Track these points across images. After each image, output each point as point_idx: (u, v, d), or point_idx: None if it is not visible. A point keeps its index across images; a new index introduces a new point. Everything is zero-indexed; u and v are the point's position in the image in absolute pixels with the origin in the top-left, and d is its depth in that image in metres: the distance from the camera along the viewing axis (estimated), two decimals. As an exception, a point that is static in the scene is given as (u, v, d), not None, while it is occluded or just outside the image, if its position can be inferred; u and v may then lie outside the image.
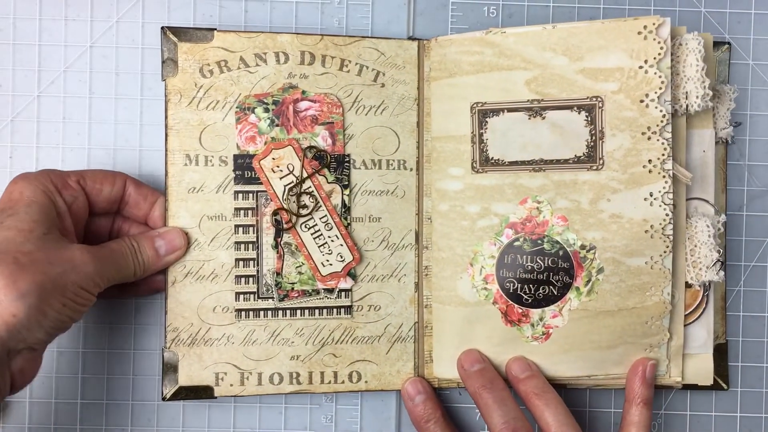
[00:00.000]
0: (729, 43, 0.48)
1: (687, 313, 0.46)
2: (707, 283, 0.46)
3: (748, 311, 0.49)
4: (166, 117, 0.45)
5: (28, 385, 0.40)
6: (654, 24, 0.42)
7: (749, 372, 0.49)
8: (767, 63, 0.49)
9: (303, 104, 0.46)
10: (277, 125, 0.46)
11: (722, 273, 0.45)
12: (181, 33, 0.45)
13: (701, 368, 0.47)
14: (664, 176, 0.43)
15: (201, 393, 0.45)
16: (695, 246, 0.45)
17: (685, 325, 0.46)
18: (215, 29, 0.45)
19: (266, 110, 0.46)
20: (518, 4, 0.48)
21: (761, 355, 0.49)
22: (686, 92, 0.44)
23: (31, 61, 0.47)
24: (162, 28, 0.45)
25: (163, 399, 0.45)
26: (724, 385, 0.48)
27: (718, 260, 0.45)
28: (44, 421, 0.47)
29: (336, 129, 0.46)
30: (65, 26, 0.47)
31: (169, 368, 0.45)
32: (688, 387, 0.47)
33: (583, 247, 0.44)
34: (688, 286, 0.46)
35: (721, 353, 0.48)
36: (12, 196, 0.40)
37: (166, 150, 0.45)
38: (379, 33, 0.48)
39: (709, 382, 0.47)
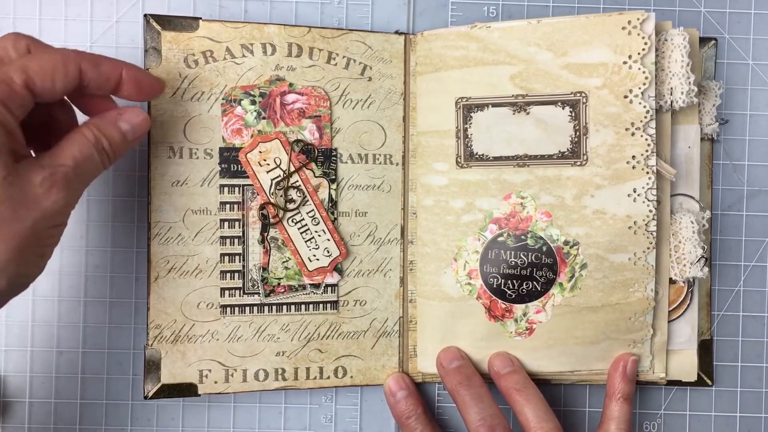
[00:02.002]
0: (716, 39, 0.48)
1: (671, 309, 0.46)
2: (691, 280, 0.46)
3: (748, 311, 0.49)
4: (149, 108, 0.44)
5: None
6: (638, 19, 0.43)
7: (749, 372, 0.49)
8: (767, 63, 0.49)
9: (290, 97, 0.46)
10: (264, 118, 0.45)
11: (706, 269, 0.45)
12: (165, 21, 0.44)
13: (685, 364, 0.47)
14: (647, 172, 0.43)
15: (185, 391, 0.45)
16: (679, 242, 0.45)
17: (669, 322, 0.46)
18: (200, 18, 0.45)
19: (253, 102, 0.45)
20: (518, 3, 0.48)
21: (761, 355, 0.49)
22: (671, 88, 0.44)
23: None
24: (145, 15, 0.44)
25: (145, 398, 0.45)
26: (708, 381, 0.48)
27: (703, 257, 0.45)
28: (44, 421, 0.47)
29: (323, 122, 0.46)
30: (65, 26, 0.47)
31: (152, 366, 0.45)
32: (672, 383, 0.47)
33: (566, 242, 0.44)
34: (672, 282, 0.46)
35: (705, 349, 0.48)
36: None
37: (149, 142, 0.45)
38: (383, 31, 0.48)
39: (693, 378, 0.47)
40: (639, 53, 0.43)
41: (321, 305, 0.46)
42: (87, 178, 0.37)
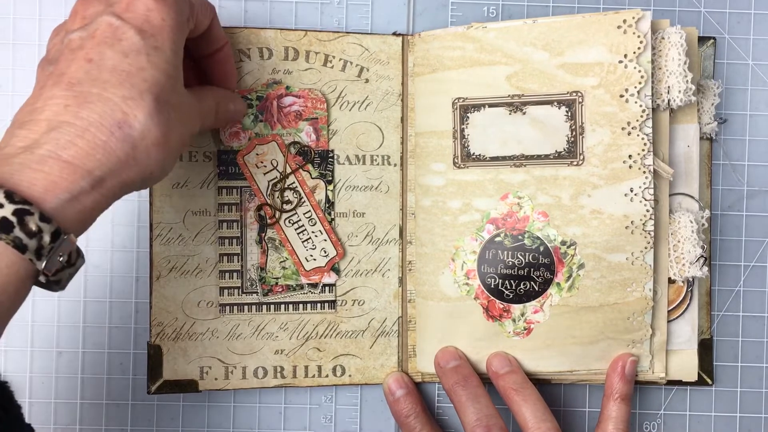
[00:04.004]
0: (714, 38, 0.47)
1: (670, 309, 0.46)
2: (691, 279, 0.46)
3: (748, 311, 0.49)
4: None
5: None
6: (633, 18, 0.42)
7: (749, 372, 0.49)
8: (767, 63, 0.48)
9: (287, 100, 0.46)
10: (261, 121, 0.46)
11: (706, 269, 0.45)
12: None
13: (685, 364, 0.47)
14: (644, 172, 0.43)
15: (186, 387, 0.46)
16: (678, 241, 0.45)
17: (668, 321, 0.46)
18: (198, 25, 0.45)
19: (250, 106, 0.46)
20: (518, 3, 0.48)
21: (761, 355, 0.49)
22: (668, 86, 0.43)
23: (31, 61, 0.47)
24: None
25: (149, 393, 0.46)
26: (708, 380, 0.48)
27: (702, 256, 0.45)
28: (44, 421, 0.47)
29: (320, 124, 0.47)
30: (65, 26, 0.48)
31: (154, 362, 0.46)
32: (672, 383, 0.47)
33: (563, 242, 0.44)
34: (671, 281, 0.46)
35: (705, 349, 0.48)
36: (152, 19, 0.34)
37: (150, 146, 0.45)
38: (379, 33, 0.48)
39: (694, 378, 0.47)
40: (635, 52, 0.42)
41: (319, 305, 0.47)
42: (204, 126, 0.41)
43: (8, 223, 0.29)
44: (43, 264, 0.31)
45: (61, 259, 0.31)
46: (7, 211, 0.29)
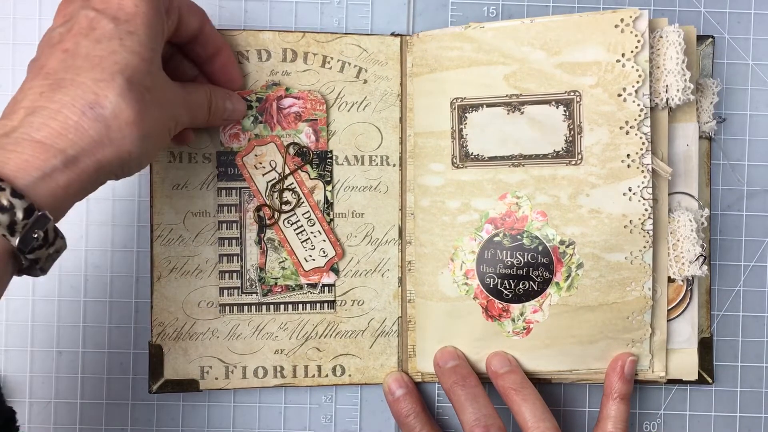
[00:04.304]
0: (713, 37, 0.47)
1: (670, 308, 0.46)
2: (690, 278, 0.46)
3: (748, 311, 0.48)
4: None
5: None
6: (631, 17, 0.42)
7: (749, 372, 0.48)
8: (767, 63, 0.48)
9: (286, 101, 0.46)
10: (261, 122, 0.46)
11: (705, 267, 0.45)
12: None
13: (685, 363, 0.47)
14: (642, 171, 0.43)
15: (187, 386, 0.46)
16: (678, 240, 0.45)
17: (668, 320, 0.46)
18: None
19: (250, 107, 0.46)
20: (518, 3, 0.48)
21: (761, 355, 0.48)
22: (666, 85, 0.43)
23: None
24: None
25: (150, 392, 0.46)
26: (709, 379, 0.47)
27: (701, 255, 0.44)
28: (44, 421, 0.48)
29: (319, 126, 0.47)
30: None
31: (156, 362, 0.46)
32: (672, 382, 0.47)
33: (562, 242, 0.44)
34: (671, 280, 0.45)
35: (705, 347, 0.47)
36: (125, 6, 0.36)
37: (150, 148, 0.46)
38: (379, 33, 0.48)
39: (694, 377, 0.47)
40: (632, 51, 0.42)
41: (318, 305, 0.47)
42: (193, 119, 0.41)
43: None
44: (17, 240, 0.31)
45: (35, 236, 0.32)
46: None
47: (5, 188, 0.31)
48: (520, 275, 0.45)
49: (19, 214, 0.31)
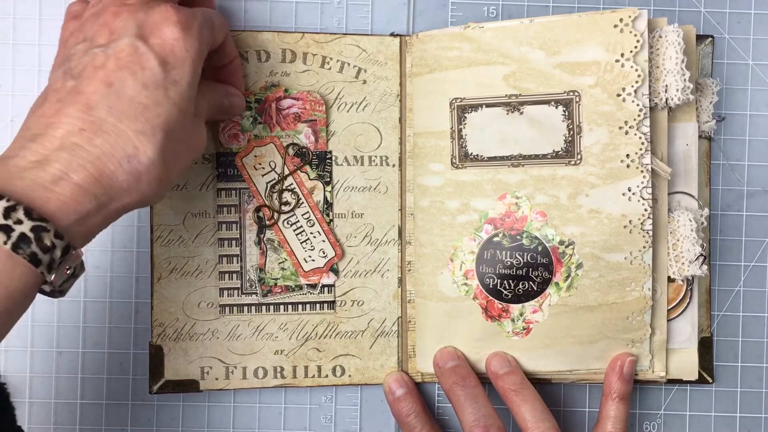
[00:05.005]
0: (712, 37, 0.47)
1: (670, 307, 0.46)
2: (690, 278, 0.46)
3: (748, 311, 0.48)
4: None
5: None
6: (630, 16, 0.42)
7: (749, 372, 0.48)
8: (767, 63, 0.48)
9: (286, 102, 0.47)
10: (260, 123, 0.46)
11: (705, 267, 0.45)
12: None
13: (686, 363, 0.46)
14: (642, 171, 0.43)
15: (187, 387, 0.46)
16: (677, 240, 0.45)
17: (668, 320, 0.46)
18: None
19: (249, 108, 0.46)
20: (518, 3, 0.48)
21: (761, 355, 0.48)
22: (666, 85, 0.43)
23: (31, 61, 0.48)
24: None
25: (150, 393, 0.46)
26: (709, 378, 0.47)
27: (701, 254, 0.44)
28: (44, 421, 0.48)
29: (319, 126, 0.47)
30: (65, 27, 0.48)
31: (156, 363, 0.46)
32: (672, 382, 0.47)
33: (561, 242, 0.44)
34: (671, 280, 0.45)
35: (705, 347, 0.47)
36: (176, 50, 0.36)
37: (149, 149, 0.46)
38: (379, 33, 0.48)
39: (694, 377, 0.47)
40: (631, 51, 0.42)
41: (318, 305, 0.47)
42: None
43: (26, 239, 0.31)
44: (53, 276, 0.33)
45: (68, 271, 0.34)
46: (26, 227, 0.31)
47: (50, 230, 0.32)
48: (520, 275, 0.45)
49: (58, 253, 0.33)
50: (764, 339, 0.48)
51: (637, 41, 0.42)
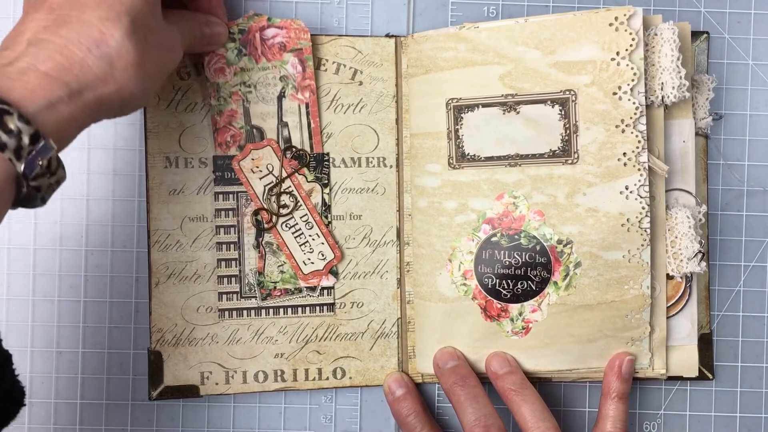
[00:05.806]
0: (708, 33, 0.47)
1: (669, 305, 0.46)
2: (689, 275, 0.46)
3: (748, 311, 0.48)
4: (144, 120, 0.46)
5: None
6: (625, 15, 0.42)
7: (749, 372, 0.48)
8: (767, 63, 0.48)
9: (270, 31, 0.45)
10: (246, 55, 0.45)
11: (704, 264, 0.45)
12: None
13: (686, 360, 0.46)
14: (639, 169, 0.43)
15: (187, 392, 0.46)
16: (676, 237, 0.45)
17: (668, 317, 0.46)
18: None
19: (233, 40, 0.45)
20: (518, 3, 0.48)
21: (761, 355, 0.48)
22: (662, 83, 0.43)
23: None
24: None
25: (150, 399, 0.46)
26: (709, 375, 0.47)
27: (699, 251, 0.44)
28: (44, 421, 0.48)
29: (305, 55, 0.46)
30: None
31: (155, 369, 0.46)
32: (673, 379, 0.47)
33: (559, 241, 0.44)
34: (669, 278, 0.45)
35: (705, 343, 0.47)
36: None
37: (146, 153, 0.46)
38: (379, 33, 0.48)
39: (694, 373, 0.47)
40: (627, 49, 0.42)
41: (318, 308, 0.47)
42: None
43: None
44: (23, 165, 0.32)
45: (40, 163, 0.32)
46: None
47: (12, 113, 0.31)
48: (518, 275, 0.45)
49: (25, 140, 0.31)
50: (764, 339, 0.49)
51: (633, 39, 0.42)
